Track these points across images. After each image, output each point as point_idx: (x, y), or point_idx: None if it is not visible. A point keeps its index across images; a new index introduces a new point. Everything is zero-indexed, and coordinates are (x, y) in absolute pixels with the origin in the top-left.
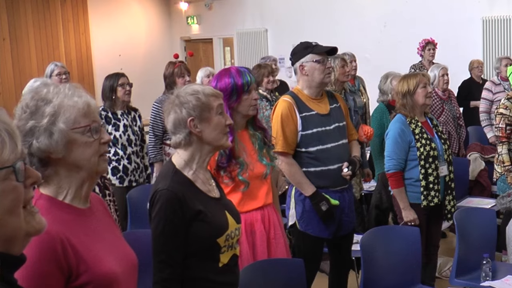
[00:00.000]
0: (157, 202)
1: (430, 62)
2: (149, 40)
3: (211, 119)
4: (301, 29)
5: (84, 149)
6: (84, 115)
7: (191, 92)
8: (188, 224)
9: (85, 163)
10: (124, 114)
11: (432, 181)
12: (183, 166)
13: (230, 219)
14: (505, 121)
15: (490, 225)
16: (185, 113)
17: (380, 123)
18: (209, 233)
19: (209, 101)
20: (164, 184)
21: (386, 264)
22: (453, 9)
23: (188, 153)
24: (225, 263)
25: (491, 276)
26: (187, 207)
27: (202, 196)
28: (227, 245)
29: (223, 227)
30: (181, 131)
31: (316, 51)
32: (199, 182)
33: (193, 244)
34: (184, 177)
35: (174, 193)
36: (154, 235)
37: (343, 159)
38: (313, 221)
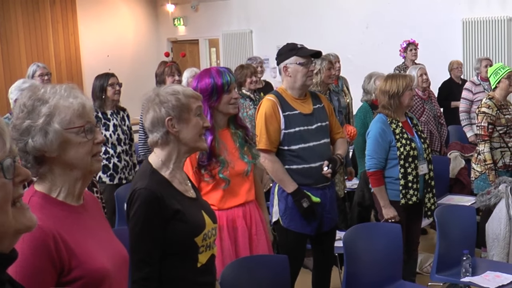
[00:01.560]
0: (135, 201)
1: (413, 62)
2: (136, 41)
3: (189, 120)
4: (285, 31)
5: (78, 149)
6: (79, 116)
7: (171, 92)
8: (166, 223)
9: (78, 162)
10: (114, 114)
11: (411, 180)
12: (160, 166)
13: (207, 218)
14: (487, 120)
15: (470, 222)
16: (164, 112)
17: (363, 122)
18: (186, 232)
19: (189, 102)
20: (142, 183)
21: (368, 260)
22: (434, 11)
23: (165, 152)
24: (203, 263)
25: (471, 272)
26: (165, 206)
27: (179, 195)
28: (205, 245)
29: (200, 226)
30: (159, 130)
31: (301, 54)
32: (176, 182)
33: (171, 243)
34: (162, 176)
35: (152, 192)
36: (132, 234)
37: (324, 157)
38: (296, 218)
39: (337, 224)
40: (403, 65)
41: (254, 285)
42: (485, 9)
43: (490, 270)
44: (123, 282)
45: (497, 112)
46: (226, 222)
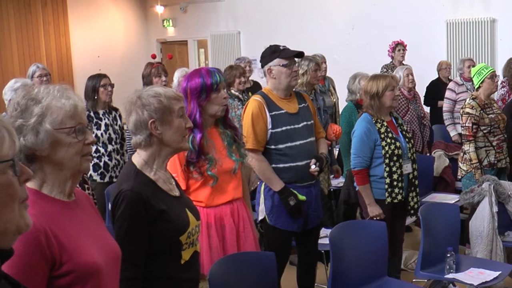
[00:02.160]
0: (121, 203)
1: (401, 62)
2: (126, 42)
3: (172, 122)
4: (272, 32)
5: (68, 149)
6: (71, 116)
7: (153, 94)
8: (151, 223)
9: (68, 162)
10: (106, 113)
11: (396, 178)
12: (144, 167)
13: (191, 216)
14: (471, 120)
15: (454, 220)
16: (147, 115)
17: (349, 121)
18: (172, 231)
19: (171, 104)
20: (127, 185)
21: (354, 257)
22: (418, 12)
23: (148, 153)
24: (186, 260)
25: (455, 269)
26: (150, 207)
27: (164, 195)
28: (188, 242)
29: (185, 225)
30: (142, 132)
31: (283, 55)
32: (160, 182)
33: (156, 242)
34: (146, 177)
35: (138, 194)
36: (118, 235)
37: (311, 156)
38: (282, 216)
39: (322, 221)
40: (391, 64)
41: (241, 281)
42: (469, 11)
43: (473, 267)
44: (115, 276)
45: (480, 112)
46: (214, 219)
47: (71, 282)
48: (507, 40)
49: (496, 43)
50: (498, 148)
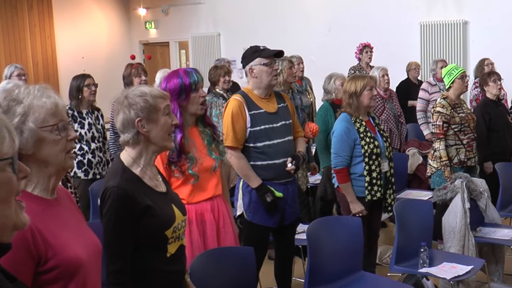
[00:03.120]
0: (107, 199)
1: (368, 64)
2: (110, 43)
3: (158, 120)
4: (251, 33)
5: (52, 146)
6: (52, 114)
7: (139, 94)
8: (137, 218)
9: (53, 159)
10: (89, 113)
11: (375, 176)
12: (131, 164)
13: (177, 211)
14: (442, 119)
15: (427, 216)
16: (133, 114)
17: (324, 120)
18: (157, 226)
19: (157, 102)
20: (114, 181)
21: (330, 252)
22: (393, 15)
23: (136, 151)
24: (172, 253)
25: (428, 263)
26: (136, 203)
27: (150, 191)
28: (174, 237)
29: (171, 220)
30: (129, 130)
31: (264, 55)
32: (147, 178)
33: (142, 237)
34: (133, 174)
35: (123, 190)
36: (106, 230)
37: (288, 154)
38: (259, 211)
39: (299, 217)
40: (358, 66)
41: (221, 275)
42: (442, 13)
43: (446, 261)
44: (97, 270)
45: (451, 111)
46: (195, 215)
47: (56, 277)
48: (479, 41)
49: (468, 45)
50: (468, 146)
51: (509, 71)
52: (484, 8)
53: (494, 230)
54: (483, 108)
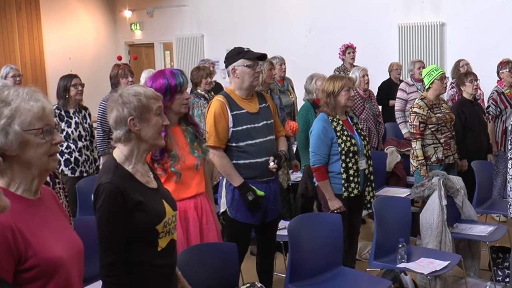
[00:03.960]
0: (101, 195)
1: (351, 64)
2: (96, 45)
3: (150, 120)
4: (234, 35)
5: (36, 149)
6: (39, 118)
7: (133, 93)
8: (129, 213)
9: (36, 161)
10: (76, 112)
11: (352, 174)
12: (123, 160)
13: (167, 207)
14: (418, 119)
15: (405, 212)
16: (126, 112)
17: (305, 119)
18: (148, 221)
19: (149, 103)
20: (107, 178)
21: (311, 248)
22: (372, 17)
23: (128, 148)
24: (163, 247)
25: (406, 259)
26: (128, 199)
27: (141, 187)
28: (165, 231)
29: (161, 215)
30: (122, 128)
31: (247, 57)
32: (138, 175)
33: (134, 231)
34: (125, 170)
35: (116, 186)
36: (99, 225)
37: (270, 153)
38: (242, 209)
39: (281, 214)
40: (342, 67)
41: (205, 271)
42: (420, 15)
43: (424, 257)
44: (78, 270)
45: (428, 111)
46: (178, 213)
47: (36, 276)
48: (456, 42)
49: (445, 46)
50: (445, 145)
51: (484, 71)
52: (460, 10)
53: (471, 226)
54: (459, 107)
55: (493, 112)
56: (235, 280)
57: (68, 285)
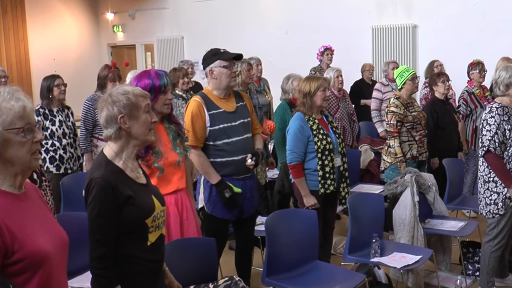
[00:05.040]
0: (92, 189)
1: (328, 65)
2: (80, 46)
3: (139, 117)
4: (213, 36)
5: (18, 148)
6: (20, 117)
7: (122, 92)
8: (120, 207)
9: (18, 159)
10: (59, 111)
11: (328, 171)
12: (114, 157)
13: (156, 202)
14: (396, 118)
15: (379, 208)
16: (116, 111)
17: (282, 118)
18: (138, 215)
19: (138, 101)
20: (98, 173)
21: (287, 243)
22: (346, 19)
23: (118, 145)
24: (152, 241)
25: (380, 253)
26: (119, 193)
27: (131, 182)
28: (154, 226)
29: (150, 210)
30: (112, 126)
31: (224, 57)
32: (128, 170)
33: (124, 225)
34: (116, 166)
35: (107, 181)
36: (91, 218)
37: (247, 151)
38: (219, 205)
39: (258, 210)
40: (319, 67)
41: (185, 265)
42: (392, 17)
43: (396, 251)
44: (63, 263)
45: (404, 110)
46: None
47: (23, 269)
48: (427, 44)
49: (417, 47)
50: (420, 142)
51: (455, 72)
52: (432, 13)
53: (442, 222)
54: (431, 106)
55: (463, 112)
56: (214, 274)
57: (53, 277)
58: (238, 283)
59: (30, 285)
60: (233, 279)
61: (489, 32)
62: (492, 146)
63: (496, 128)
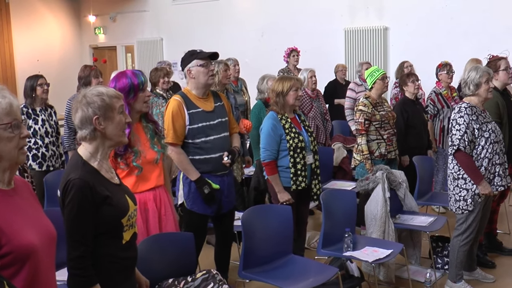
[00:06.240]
0: (70, 190)
1: (295, 66)
2: (62, 48)
3: (114, 118)
4: (191, 38)
5: (6, 143)
6: (7, 114)
7: (96, 93)
8: (97, 207)
9: (6, 155)
10: (42, 110)
11: (300, 168)
12: (89, 158)
13: (130, 201)
14: (364, 116)
15: (351, 204)
16: (91, 112)
17: (258, 117)
18: (115, 214)
19: (112, 102)
20: (75, 174)
21: (263, 237)
22: (319, 22)
23: (93, 146)
24: (127, 240)
25: (352, 247)
26: (96, 193)
27: (107, 183)
28: (128, 224)
29: (126, 209)
30: (87, 127)
31: (200, 57)
32: (103, 171)
33: (101, 224)
34: (91, 167)
35: (85, 182)
36: (69, 219)
37: (224, 149)
38: (198, 201)
39: (235, 206)
40: (286, 69)
41: (164, 259)
42: (364, 20)
43: (368, 246)
44: (51, 256)
45: (372, 109)
46: (138, 204)
47: (10, 262)
48: (398, 45)
49: (388, 49)
50: (388, 141)
51: (424, 72)
52: (402, 15)
53: (412, 217)
54: (402, 106)
55: (431, 111)
56: (193, 268)
57: (41, 270)
58: (215, 276)
59: (18, 277)
60: (211, 272)
61: (457, 34)
62: (462, 145)
63: (465, 127)
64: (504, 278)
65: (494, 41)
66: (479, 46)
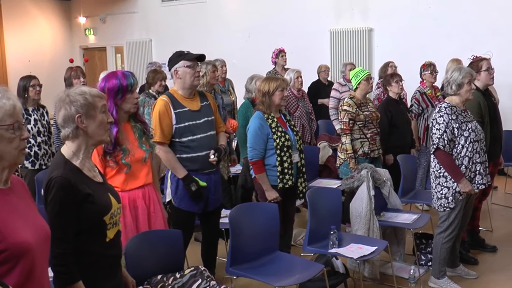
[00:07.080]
0: (52, 188)
1: (283, 67)
2: (53, 48)
3: (96, 117)
4: (179, 39)
5: (7, 143)
6: (10, 115)
7: (79, 92)
8: (79, 205)
9: (6, 155)
10: (35, 110)
11: (286, 166)
12: (71, 156)
13: (113, 200)
14: (348, 116)
15: (337, 202)
16: (74, 110)
17: (245, 116)
18: (97, 212)
19: (95, 101)
20: (57, 172)
21: (250, 234)
22: (305, 23)
23: (75, 144)
24: (111, 238)
25: (337, 244)
26: (78, 191)
27: (89, 181)
28: (111, 222)
29: (108, 207)
30: (70, 125)
31: (187, 58)
32: (86, 170)
33: (84, 222)
34: (74, 165)
35: (67, 179)
36: (51, 216)
37: (211, 147)
38: (185, 198)
39: (222, 204)
40: (274, 70)
41: (153, 256)
42: (349, 21)
43: (353, 243)
44: (45, 254)
45: (356, 109)
46: (128, 201)
47: (4, 260)
48: (382, 46)
49: (373, 50)
50: (371, 140)
51: (408, 73)
52: (387, 17)
53: (396, 214)
54: (386, 106)
55: (415, 111)
56: (181, 264)
57: (36, 267)
58: (203, 273)
59: (13, 274)
60: (199, 269)
61: (440, 35)
62: (441, 144)
63: (445, 127)
64: (486, 274)
65: (476, 42)
66: (462, 47)
